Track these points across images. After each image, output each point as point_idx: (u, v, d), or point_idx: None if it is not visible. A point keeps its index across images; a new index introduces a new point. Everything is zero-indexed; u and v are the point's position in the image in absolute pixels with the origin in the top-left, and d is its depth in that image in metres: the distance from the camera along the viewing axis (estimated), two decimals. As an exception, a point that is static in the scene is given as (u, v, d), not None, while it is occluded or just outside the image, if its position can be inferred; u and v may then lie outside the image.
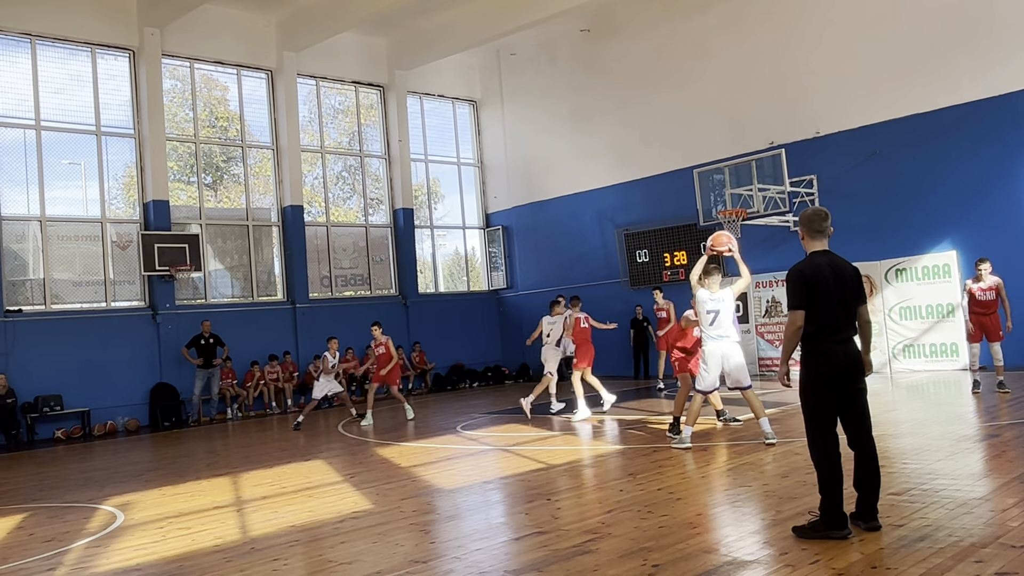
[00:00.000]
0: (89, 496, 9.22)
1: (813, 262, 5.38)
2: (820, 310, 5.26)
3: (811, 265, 5.36)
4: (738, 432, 10.06)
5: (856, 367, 5.29)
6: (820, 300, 5.26)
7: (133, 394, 17.26)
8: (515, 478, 8.33)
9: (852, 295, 5.33)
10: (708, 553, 5.08)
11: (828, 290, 5.26)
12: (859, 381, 5.32)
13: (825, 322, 5.26)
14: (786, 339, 5.43)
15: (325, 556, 5.86)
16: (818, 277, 5.28)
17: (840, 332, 5.28)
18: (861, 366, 5.33)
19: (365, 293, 21.86)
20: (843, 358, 5.26)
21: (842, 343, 5.28)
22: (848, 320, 5.32)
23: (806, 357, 5.38)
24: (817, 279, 5.28)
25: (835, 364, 5.25)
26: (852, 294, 5.33)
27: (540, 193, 22.99)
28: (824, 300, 5.25)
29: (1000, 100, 15.15)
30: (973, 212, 15.44)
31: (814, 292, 5.27)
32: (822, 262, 5.36)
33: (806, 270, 5.34)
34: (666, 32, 20.03)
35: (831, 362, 5.26)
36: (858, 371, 5.30)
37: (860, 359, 5.34)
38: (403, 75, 22.37)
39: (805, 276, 5.31)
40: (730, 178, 17.15)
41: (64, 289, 17.23)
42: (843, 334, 5.29)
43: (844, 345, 5.29)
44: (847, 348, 5.29)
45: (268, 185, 20.61)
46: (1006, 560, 4.49)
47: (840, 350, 5.27)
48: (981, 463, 7.32)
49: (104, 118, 17.93)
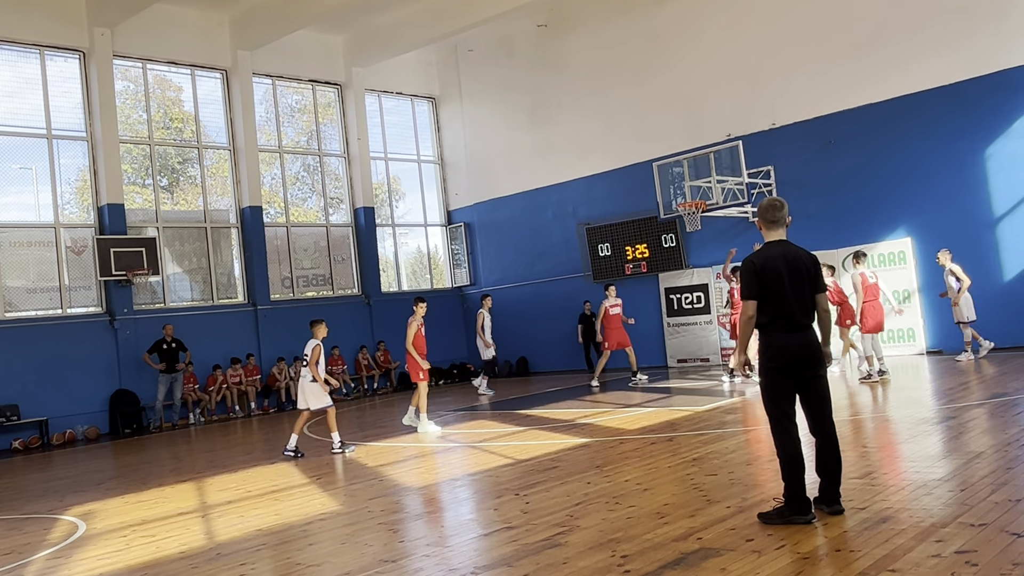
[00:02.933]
0: (49, 506, 9.04)
1: (766, 253, 5.41)
2: (771, 300, 5.30)
3: (763, 256, 5.39)
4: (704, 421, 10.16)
5: (813, 355, 5.33)
6: (771, 290, 5.29)
7: (92, 401, 16.95)
8: (483, 474, 8.33)
9: (807, 285, 5.34)
10: (676, 542, 5.12)
11: (780, 280, 5.28)
12: (817, 368, 5.35)
13: (777, 312, 5.30)
14: (740, 328, 5.52)
15: (293, 559, 5.81)
16: (769, 268, 5.31)
17: (793, 321, 5.30)
18: (818, 354, 5.36)
19: (327, 293, 21.70)
20: (797, 347, 5.30)
21: (796, 332, 5.32)
22: (803, 309, 5.33)
23: (762, 347, 5.42)
24: (768, 269, 5.31)
25: (789, 353, 5.29)
26: (807, 284, 5.34)
27: (501, 189, 22.99)
28: (776, 290, 5.29)
29: (948, 89, 15.46)
30: (926, 199, 15.75)
31: (764, 282, 5.31)
32: (776, 252, 5.38)
33: (757, 261, 5.37)
34: (622, 26, 20.13)
35: (785, 351, 5.30)
36: (815, 359, 5.34)
37: (818, 347, 5.37)
38: (360, 73, 22.21)
39: (756, 267, 5.34)
40: (689, 170, 17.31)
41: (18, 296, 16.86)
42: (797, 323, 5.31)
43: (799, 334, 5.32)
44: (803, 337, 5.33)
45: (226, 186, 20.35)
46: (966, 539, 4.59)
47: (794, 339, 5.31)
48: (939, 445, 7.47)
49: (55, 121, 17.56)
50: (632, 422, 10.81)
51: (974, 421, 8.24)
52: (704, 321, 18.84)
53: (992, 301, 14.76)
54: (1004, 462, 6.31)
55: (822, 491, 5.39)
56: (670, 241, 19.32)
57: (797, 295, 5.31)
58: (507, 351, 21.59)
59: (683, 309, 19.20)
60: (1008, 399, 9.35)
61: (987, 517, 4.93)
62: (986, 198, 15.17)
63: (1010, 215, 14.95)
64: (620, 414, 11.81)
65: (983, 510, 5.09)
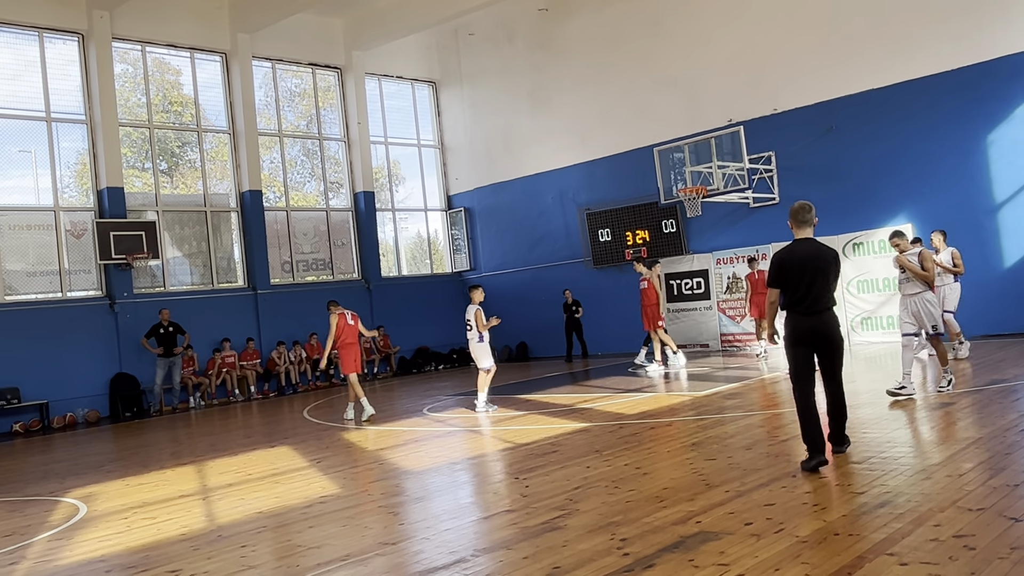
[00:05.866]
0: (50, 489, 9.07)
1: (792, 249, 6.35)
2: (790, 289, 6.28)
3: (788, 252, 6.35)
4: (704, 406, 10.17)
5: (825, 334, 6.25)
6: (791, 281, 6.25)
7: (92, 385, 16.98)
8: (483, 458, 8.35)
9: (827, 276, 6.24)
10: (675, 526, 5.14)
11: (800, 273, 6.21)
12: (828, 344, 6.27)
13: (794, 298, 6.28)
14: (765, 308, 6.82)
15: (293, 541, 5.83)
16: (791, 262, 6.27)
17: (808, 306, 6.23)
18: (830, 333, 6.26)
19: (327, 278, 21.69)
20: (810, 327, 6.26)
21: (812, 315, 6.24)
22: (818, 296, 6.22)
23: (784, 323, 6.44)
24: (790, 263, 6.27)
25: (803, 332, 6.29)
26: (826, 275, 6.23)
27: (501, 174, 22.95)
28: (795, 281, 6.24)
29: (950, 75, 15.39)
30: (927, 186, 15.71)
31: (785, 274, 6.28)
32: (800, 249, 6.31)
33: (783, 256, 6.35)
34: (623, 10, 20.03)
35: (800, 330, 6.31)
36: (826, 337, 6.25)
37: (831, 328, 6.26)
38: (361, 56, 22.12)
39: (780, 261, 6.34)
40: (690, 156, 17.26)
41: (18, 280, 16.86)
42: (812, 308, 6.23)
43: (814, 317, 6.25)
44: (818, 319, 6.25)
45: (225, 170, 20.31)
46: (963, 523, 4.61)
47: (809, 321, 6.26)
48: (937, 431, 7.49)
49: (54, 104, 17.51)
50: (631, 407, 10.83)
51: (972, 407, 8.25)
52: (704, 307, 18.83)
53: (993, 287, 14.76)
54: (1002, 448, 6.33)
55: (831, 432, 6.52)
56: (670, 227, 19.30)
57: (814, 286, 6.20)
58: (507, 336, 21.61)
59: (683, 295, 19.20)
60: (1007, 385, 9.36)
61: (985, 502, 4.95)
62: (987, 184, 15.14)
63: (1011, 201, 14.92)
64: (619, 399, 11.83)
65: (981, 495, 5.11)
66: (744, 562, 4.36)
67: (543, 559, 4.77)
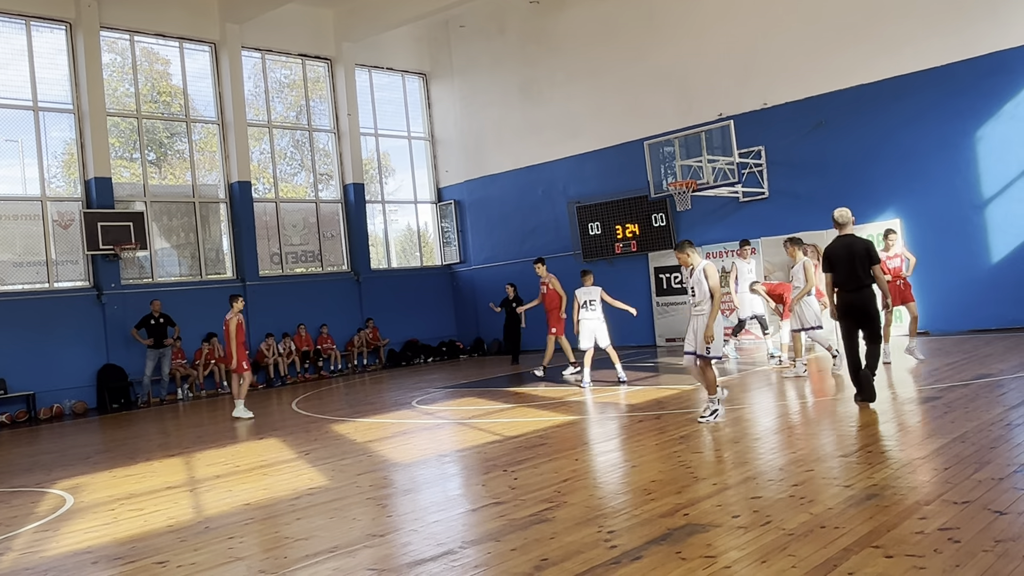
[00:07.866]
0: (37, 480, 9.04)
1: (835, 243, 8.70)
2: (836, 273, 8.61)
3: (832, 246, 8.71)
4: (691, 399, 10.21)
5: (861, 307, 8.49)
6: (836, 267, 8.59)
7: (80, 376, 16.90)
8: (471, 450, 8.36)
9: (862, 262, 8.45)
10: (663, 518, 5.16)
11: (841, 261, 8.55)
12: (865, 316, 8.49)
13: (839, 280, 8.62)
14: (826, 288, 8.93)
15: (281, 533, 5.83)
16: (835, 253, 8.64)
17: (848, 285, 8.53)
18: (865, 307, 8.47)
19: (316, 269, 21.63)
20: (849, 301, 8.57)
21: (852, 292, 8.52)
22: (856, 278, 8.47)
23: (835, 298, 8.71)
24: (835, 254, 8.63)
25: (845, 304, 8.61)
26: (861, 262, 8.45)
27: (492, 167, 22.91)
28: (838, 267, 8.58)
29: (939, 71, 15.45)
30: (915, 180, 15.78)
31: (832, 262, 8.61)
32: (840, 243, 8.65)
33: (829, 249, 8.74)
34: (615, 3, 20.00)
35: (842, 302, 8.63)
36: (862, 309, 8.49)
37: (867, 301, 8.46)
38: (351, 48, 22.03)
39: (828, 253, 8.73)
40: (680, 150, 17.26)
41: (4, 270, 16.74)
42: (852, 286, 8.51)
43: (854, 293, 8.52)
44: (856, 295, 8.51)
45: (214, 161, 20.21)
46: (948, 516, 4.64)
47: (848, 297, 8.56)
48: (924, 425, 7.53)
49: (42, 93, 17.37)
50: (620, 400, 10.85)
51: (958, 401, 8.30)
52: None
53: (979, 282, 14.85)
54: (987, 441, 6.38)
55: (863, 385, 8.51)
56: (660, 220, 19.32)
57: (851, 269, 8.49)
58: (496, 329, 21.59)
59: (672, 289, 19.23)
60: (992, 380, 9.43)
61: (970, 495, 4.99)
62: (976, 180, 15.21)
63: (999, 197, 15.00)
64: (608, 392, 11.86)
65: (966, 488, 5.15)
66: (731, 554, 4.38)
67: (531, 551, 4.78)
